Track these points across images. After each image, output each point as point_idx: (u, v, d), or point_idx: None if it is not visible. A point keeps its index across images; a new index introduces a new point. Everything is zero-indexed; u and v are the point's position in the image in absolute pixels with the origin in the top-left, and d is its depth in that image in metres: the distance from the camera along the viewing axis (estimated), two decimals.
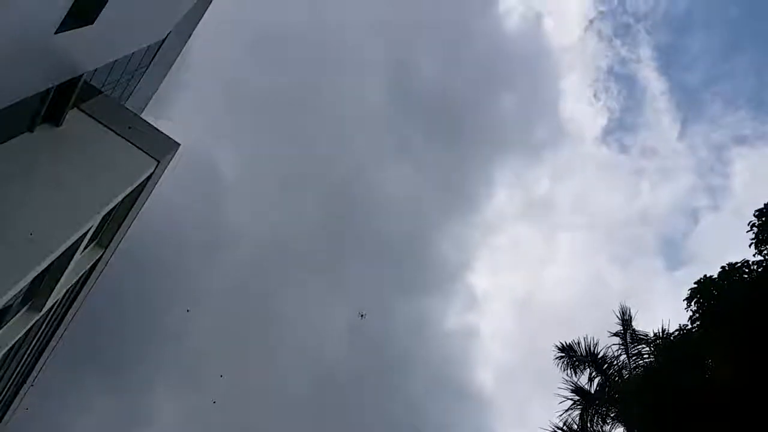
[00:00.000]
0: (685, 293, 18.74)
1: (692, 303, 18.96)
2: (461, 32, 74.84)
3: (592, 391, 21.72)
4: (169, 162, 25.67)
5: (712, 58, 64.57)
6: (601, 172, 68.78)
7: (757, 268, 18.31)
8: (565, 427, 20.86)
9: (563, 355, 22.64)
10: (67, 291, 26.64)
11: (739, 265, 18.50)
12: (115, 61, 23.26)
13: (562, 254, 70.12)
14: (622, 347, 21.57)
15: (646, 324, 22.70)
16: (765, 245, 18.72)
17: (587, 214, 68.86)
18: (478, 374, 63.51)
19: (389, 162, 73.09)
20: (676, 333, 19.48)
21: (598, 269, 64.45)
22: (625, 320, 21.90)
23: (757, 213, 18.86)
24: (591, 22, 67.31)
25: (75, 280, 26.53)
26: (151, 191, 26.50)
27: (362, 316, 57.64)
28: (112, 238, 26.68)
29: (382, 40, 72.31)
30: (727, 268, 18.64)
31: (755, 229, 18.83)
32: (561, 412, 21.25)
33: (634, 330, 21.61)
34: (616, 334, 21.78)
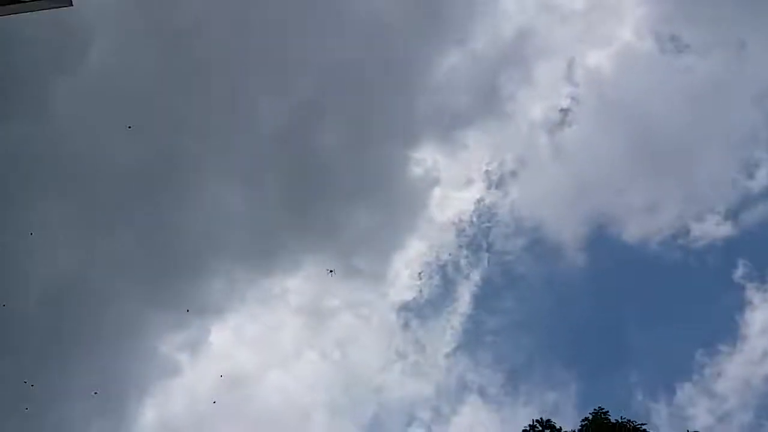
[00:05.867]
0: None
1: None
2: (379, 135, 76.10)
3: None
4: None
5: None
6: (378, 332, 72.30)
7: None
8: None
9: None
10: None
11: None
12: None
13: (300, 370, 71.14)
14: None
15: None
16: None
17: (344, 355, 71.49)
18: (146, 413, 61.93)
19: (239, 181, 70.68)
20: None
21: (314, 403, 66.76)
22: None
23: None
24: (460, 221, 72.50)
25: None
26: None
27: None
28: None
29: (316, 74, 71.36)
30: None
31: None
32: None
33: None
34: None
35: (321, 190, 68.81)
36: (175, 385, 62.78)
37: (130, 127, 52.28)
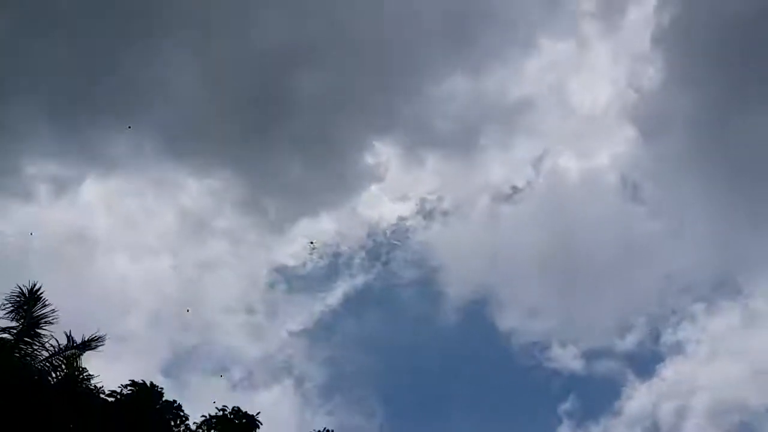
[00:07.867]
0: None
1: None
2: (355, 108, 74.80)
3: None
4: None
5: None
6: (243, 277, 71.20)
7: None
8: None
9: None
10: None
11: None
12: None
13: (149, 265, 68.97)
14: None
15: None
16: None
17: (199, 277, 69.41)
18: None
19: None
20: None
21: (141, 304, 65.54)
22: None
23: None
24: (376, 225, 72.35)
25: None
26: None
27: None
28: None
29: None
30: None
31: None
32: None
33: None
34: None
35: (275, 123, 67.97)
36: (22, 211, 61.11)
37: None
